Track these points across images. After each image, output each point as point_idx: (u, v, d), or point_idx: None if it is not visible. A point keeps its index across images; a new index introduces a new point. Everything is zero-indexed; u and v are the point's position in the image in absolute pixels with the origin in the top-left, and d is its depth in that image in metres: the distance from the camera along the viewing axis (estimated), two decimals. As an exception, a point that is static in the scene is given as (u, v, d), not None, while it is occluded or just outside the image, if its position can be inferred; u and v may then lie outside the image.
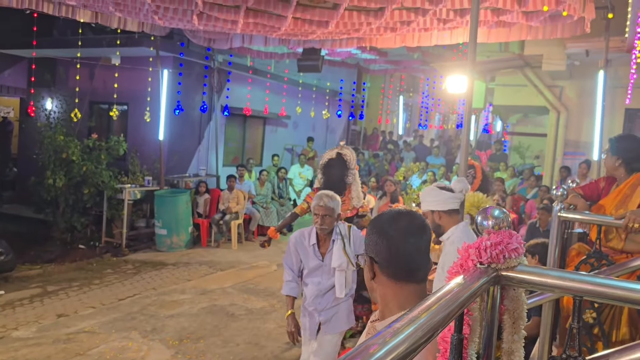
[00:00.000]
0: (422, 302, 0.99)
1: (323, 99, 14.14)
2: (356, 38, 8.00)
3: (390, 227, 1.44)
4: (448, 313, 1.00)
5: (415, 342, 0.87)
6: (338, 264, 3.45)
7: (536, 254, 3.95)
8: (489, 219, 1.24)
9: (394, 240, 1.42)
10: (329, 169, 5.06)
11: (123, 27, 7.58)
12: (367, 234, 1.50)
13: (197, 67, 10.60)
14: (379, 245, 1.44)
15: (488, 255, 1.17)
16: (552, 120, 10.20)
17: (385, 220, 1.47)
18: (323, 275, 3.55)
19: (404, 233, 1.43)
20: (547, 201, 7.39)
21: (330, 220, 3.46)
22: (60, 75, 10.83)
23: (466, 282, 1.12)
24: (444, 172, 11.89)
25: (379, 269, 1.44)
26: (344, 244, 3.50)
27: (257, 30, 7.06)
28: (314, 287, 3.58)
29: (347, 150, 5.17)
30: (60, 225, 8.56)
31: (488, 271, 1.17)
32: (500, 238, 1.18)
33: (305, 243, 3.58)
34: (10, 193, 11.69)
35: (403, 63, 12.14)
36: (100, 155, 8.64)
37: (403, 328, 0.87)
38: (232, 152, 12.27)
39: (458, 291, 1.07)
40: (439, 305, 1.00)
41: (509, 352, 1.25)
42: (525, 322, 1.26)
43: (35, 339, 5.05)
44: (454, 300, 1.04)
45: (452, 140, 19.40)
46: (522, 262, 1.20)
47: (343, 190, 5.01)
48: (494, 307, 1.22)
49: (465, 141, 3.88)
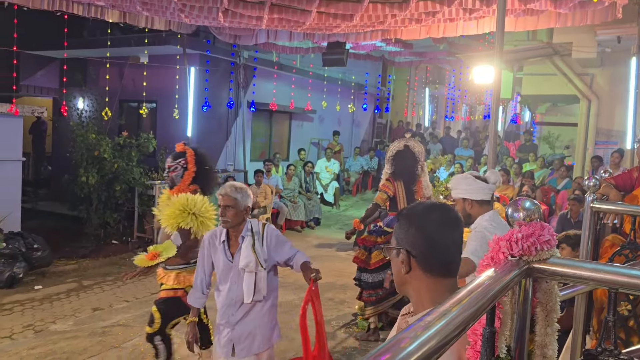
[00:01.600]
0: (453, 296, 0.99)
1: (348, 93, 14.12)
2: (381, 30, 7.96)
3: (427, 219, 1.42)
4: (479, 306, 1.00)
5: (447, 336, 0.87)
6: (245, 263, 3.03)
7: (567, 246, 3.89)
8: (519, 210, 1.23)
9: (432, 233, 1.40)
10: (399, 161, 5.18)
11: (150, 26, 7.70)
12: (400, 227, 1.45)
13: (224, 64, 10.70)
14: (416, 238, 1.41)
15: (519, 248, 1.16)
16: (582, 109, 9.97)
17: (421, 212, 1.45)
18: (234, 280, 3.11)
19: (441, 226, 1.42)
20: (578, 192, 7.26)
21: (233, 213, 3.06)
22: (91, 75, 11.06)
23: (497, 275, 1.12)
24: (471, 164, 11.76)
25: (416, 262, 1.41)
26: (254, 241, 3.08)
27: (282, 25, 7.09)
28: (225, 295, 3.15)
29: (414, 143, 5.23)
30: (93, 222, 8.77)
31: (519, 264, 1.17)
32: (532, 230, 1.18)
33: (217, 241, 3.19)
34: (45, 190, 12.03)
35: (428, 54, 12.02)
36: (131, 153, 8.80)
37: (434, 321, 0.87)
38: (259, 147, 12.37)
39: (489, 284, 1.07)
40: (470, 298, 1.00)
41: (542, 345, 1.25)
42: (559, 315, 1.25)
43: (72, 332, 5.21)
44: (485, 294, 1.04)
45: (479, 131, 19.15)
46: (554, 255, 1.19)
47: (414, 182, 5.15)
48: (525, 300, 1.22)
49: (493, 132, 3.85)
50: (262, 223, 3.22)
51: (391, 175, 5.23)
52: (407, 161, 5.15)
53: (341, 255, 8.74)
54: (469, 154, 12.98)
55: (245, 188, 3.17)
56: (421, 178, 5.26)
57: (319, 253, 8.73)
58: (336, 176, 12.58)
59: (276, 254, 3.18)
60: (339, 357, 4.79)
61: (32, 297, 6.18)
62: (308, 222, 10.65)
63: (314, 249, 8.88)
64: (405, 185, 5.18)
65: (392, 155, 5.25)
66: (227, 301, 3.14)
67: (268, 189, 9.71)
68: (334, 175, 12.48)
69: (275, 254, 3.19)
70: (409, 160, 5.16)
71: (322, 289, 6.70)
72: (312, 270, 3.00)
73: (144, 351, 4.80)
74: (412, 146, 5.20)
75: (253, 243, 3.08)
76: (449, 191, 9.11)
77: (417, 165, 5.19)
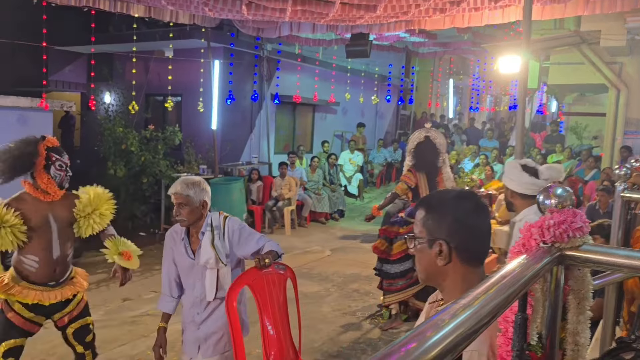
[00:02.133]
0: (484, 282, 0.99)
1: (372, 84, 14.06)
2: (404, 21, 7.90)
3: (462, 208, 1.39)
4: (510, 293, 1.00)
5: (479, 322, 0.86)
6: (205, 259, 2.87)
7: (596, 236, 3.84)
8: (551, 197, 1.23)
9: (470, 221, 1.38)
10: (420, 153, 5.18)
11: (175, 20, 7.78)
12: (431, 218, 1.40)
13: (247, 57, 10.75)
14: (454, 228, 1.36)
15: (551, 235, 1.16)
16: (611, 98, 9.76)
17: (454, 201, 1.41)
18: (197, 278, 2.95)
19: (477, 214, 1.40)
20: (607, 182, 7.13)
21: (188, 211, 2.86)
22: (117, 69, 11.23)
23: (529, 261, 1.12)
24: (496, 155, 11.63)
25: (456, 253, 1.37)
26: (213, 236, 2.90)
27: (305, 17, 7.09)
28: (190, 293, 3.00)
29: (435, 134, 5.22)
30: (121, 214, 8.92)
31: (551, 250, 1.16)
32: (564, 217, 1.17)
33: (177, 238, 3.02)
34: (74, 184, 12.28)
35: (453, 45, 11.89)
36: (157, 146, 8.93)
37: (467, 306, 0.87)
38: (282, 140, 12.42)
39: (520, 271, 1.07)
40: (501, 285, 0.99)
41: (574, 332, 1.24)
42: (591, 303, 1.24)
43: (103, 322, 5.33)
44: (517, 280, 1.04)
45: (504, 122, 18.90)
46: (586, 242, 1.19)
47: (436, 173, 5.15)
48: (557, 287, 1.21)
49: (520, 123, 3.80)
50: (224, 216, 3.01)
51: (413, 166, 5.22)
52: (428, 153, 5.14)
53: (365, 246, 8.74)
54: (493, 145, 12.84)
55: (199, 181, 2.94)
56: (442, 169, 5.23)
57: (343, 245, 8.75)
58: (360, 168, 12.57)
59: (240, 248, 2.96)
60: (365, 348, 4.81)
61: (64, 287, 6.34)
62: (332, 214, 10.67)
63: (338, 240, 8.91)
64: (428, 176, 5.16)
65: (413, 147, 5.24)
66: (192, 300, 2.99)
67: (292, 181, 9.76)
68: (357, 167, 12.48)
69: (239, 249, 2.96)
70: (430, 151, 5.14)
71: (348, 280, 6.76)
72: (260, 256, 2.78)
73: (172, 340, 4.89)
74: (433, 137, 5.17)
75: (212, 238, 2.89)
76: (474, 182, 9.07)
77: (438, 156, 5.17)
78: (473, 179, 9.09)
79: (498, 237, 7.67)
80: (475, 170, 10.15)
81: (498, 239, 7.66)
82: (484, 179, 9.85)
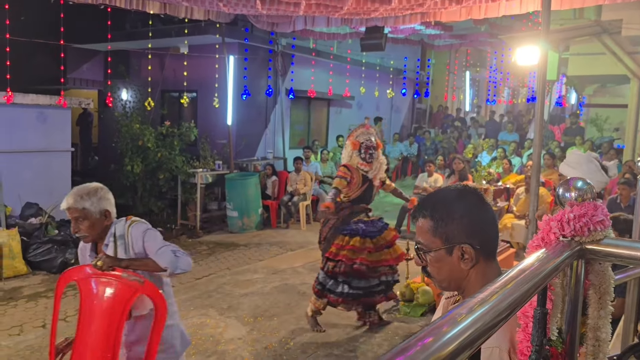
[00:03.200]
0: (503, 276, 0.97)
1: (387, 78, 13.97)
2: (420, 13, 7.81)
3: (470, 205, 1.36)
4: (529, 288, 0.98)
5: (496, 317, 0.84)
6: None
7: (617, 230, 3.76)
8: (571, 190, 1.20)
9: (482, 217, 1.35)
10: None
11: (190, 17, 7.80)
12: (445, 224, 1.33)
13: (262, 52, 10.75)
14: (470, 227, 1.33)
15: (571, 228, 1.13)
16: (633, 89, 9.57)
17: (460, 202, 1.36)
18: None
19: (483, 206, 1.37)
20: (629, 175, 6.99)
21: (88, 224, 2.53)
22: (134, 66, 11.32)
23: (548, 255, 1.09)
24: (514, 149, 11.50)
25: (480, 252, 1.32)
26: (116, 247, 2.56)
27: (320, 11, 7.05)
28: None
29: (372, 130, 5.09)
30: (139, 209, 9.02)
31: (571, 244, 1.14)
32: (585, 210, 1.14)
33: (86, 254, 2.71)
34: (92, 180, 12.40)
35: (469, 37, 11.75)
36: (174, 142, 8.99)
37: (479, 305, 0.84)
38: (297, 135, 12.41)
39: (539, 265, 1.05)
40: (519, 279, 0.98)
41: (595, 328, 1.22)
42: (612, 298, 1.21)
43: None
44: (535, 275, 1.02)
45: (522, 115, 18.65)
46: (608, 235, 1.16)
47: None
48: (577, 281, 1.18)
49: (539, 115, 3.73)
50: (128, 224, 2.62)
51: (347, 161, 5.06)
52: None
53: (381, 241, 8.72)
54: (513, 138, 12.69)
55: (96, 189, 2.59)
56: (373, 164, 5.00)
57: (359, 239, 8.74)
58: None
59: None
60: (381, 342, 4.80)
61: (84, 282, 6.42)
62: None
63: (354, 235, 8.88)
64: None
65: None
66: None
67: (307, 175, 9.76)
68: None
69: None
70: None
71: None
72: (98, 256, 2.50)
73: (190, 334, 4.93)
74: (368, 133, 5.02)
75: (115, 251, 2.55)
76: (491, 176, 8.96)
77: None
78: (490, 173, 8.99)
79: (516, 232, 7.58)
80: (493, 163, 10.04)
81: (516, 234, 7.58)
82: (502, 172, 9.74)
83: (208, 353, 4.54)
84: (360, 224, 4.90)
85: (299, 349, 4.67)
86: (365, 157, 4.88)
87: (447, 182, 8.74)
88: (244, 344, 4.74)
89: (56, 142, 7.87)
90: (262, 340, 4.84)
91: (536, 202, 3.86)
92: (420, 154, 14.10)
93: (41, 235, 6.82)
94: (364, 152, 4.88)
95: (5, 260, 6.42)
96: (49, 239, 6.83)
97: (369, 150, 4.88)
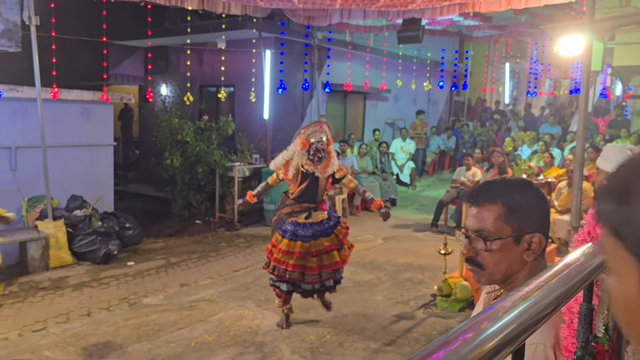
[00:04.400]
0: (548, 270, 0.96)
1: (424, 71, 13.80)
2: (458, 4, 7.68)
3: (539, 198, 1.35)
4: (574, 283, 0.96)
5: (539, 313, 0.82)
6: None
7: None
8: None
9: (545, 209, 1.36)
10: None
11: (227, 12, 7.88)
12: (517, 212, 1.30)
13: (298, 46, 10.78)
14: (539, 219, 1.32)
15: (619, 222, 1.10)
16: (683, 79, 9.18)
17: (530, 193, 1.34)
18: None
19: (546, 201, 1.39)
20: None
21: None
22: (173, 62, 11.52)
23: (594, 250, 1.07)
24: (556, 142, 11.20)
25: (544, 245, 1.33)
26: None
27: (356, 4, 7.02)
28: None
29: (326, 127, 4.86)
30: (178, 203, 9.20)
31: (619, 239, 1.10)
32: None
33: None
34: (134, 174, 12.77)
35: (509, 27, 11.47)
36: (212, 136, 9.12)
37: (522, 300, 0.82)
38: (333, 128, 12.36)
39: (585, 260, 1.03)
40: (564, 275, 0.96)
41: (643, 325, 1.18)
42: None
43: (163, 306, 5.53)
44: (581, 270, 0.99)
45: (564, 107, 18.14)
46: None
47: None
48: (626, 277, 1.15)
49: (584, 107, 3.63)
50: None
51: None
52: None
53: (418, 235, 8.65)
54: (555, 131, 12.36)
55: None
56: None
57: (395, 234, 8.69)
58: (412, 156, 12.40)
59: None
60: (418, 337, 4.77)
61: (126, 273, 6.61)
62: (384, 203, 10.59)
63: (391, 229, 8.85)
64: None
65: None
66: None
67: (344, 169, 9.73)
68: (410, 155, 12.32)
69: None
70: None
71: (400, 269, 6.72)
72: None
73: (228, 325, 5.02)
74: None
75: None
76: (531, 170, 8.76)
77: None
78: (531, 166, 8.78)
79: (558, 227, 7.40)
80: (534, 157, 9.80)
81: (558, 229, 7.40)
82: (543, 166, 9.50)
83: (246, 344, 4.61)
84: (291, 225, 4.68)
85: (335, 342, 4.69)
86: (313, 159, 4.63)
87: (485, 175, 8.59)
88: (281, 336, 4.78)
89: (99, 137, 8.09)
90: (300, 332, 4.88)
91: (579, 196, 3.76)
92: (458, 148, 13.89)
93: (85, 227, 7.05)
94: (312, 154, 4.61)
95: (52, 251, 6.67)
96: (92, 230, 7.06)
97: (319, 153, 4.62)
